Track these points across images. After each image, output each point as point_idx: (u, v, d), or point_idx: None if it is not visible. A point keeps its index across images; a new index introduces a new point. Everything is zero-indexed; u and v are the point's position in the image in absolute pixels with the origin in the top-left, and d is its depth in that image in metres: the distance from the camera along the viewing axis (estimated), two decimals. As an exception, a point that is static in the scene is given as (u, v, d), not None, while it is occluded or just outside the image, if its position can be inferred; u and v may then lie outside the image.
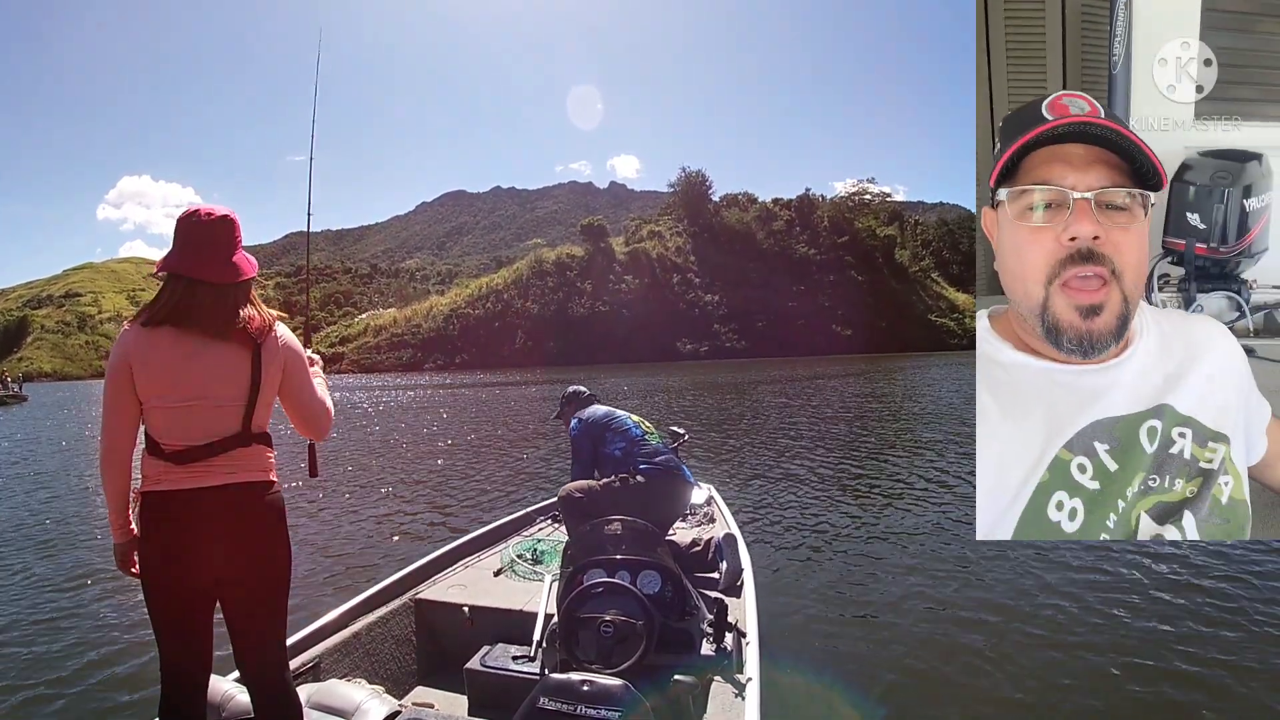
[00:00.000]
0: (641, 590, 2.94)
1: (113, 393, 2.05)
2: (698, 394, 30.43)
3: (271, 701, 2.24)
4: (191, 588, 2.08)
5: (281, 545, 2.19)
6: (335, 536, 7.73)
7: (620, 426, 4.34)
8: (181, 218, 2.11)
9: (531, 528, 4.97)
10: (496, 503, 9.26)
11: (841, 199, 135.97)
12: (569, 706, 2.23)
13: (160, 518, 2.04)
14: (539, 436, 16.39)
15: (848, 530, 7.29)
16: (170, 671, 2.14)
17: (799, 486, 9.59)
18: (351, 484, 11.16)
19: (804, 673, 4.03)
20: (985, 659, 4.23)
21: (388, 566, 6.01)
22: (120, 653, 4.71)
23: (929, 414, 18.46)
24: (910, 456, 11.69)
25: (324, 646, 3.18)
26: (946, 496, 8.70)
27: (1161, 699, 3.76)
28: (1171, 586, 5.25)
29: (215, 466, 2.07)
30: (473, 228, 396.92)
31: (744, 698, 2.68)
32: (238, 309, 2.10)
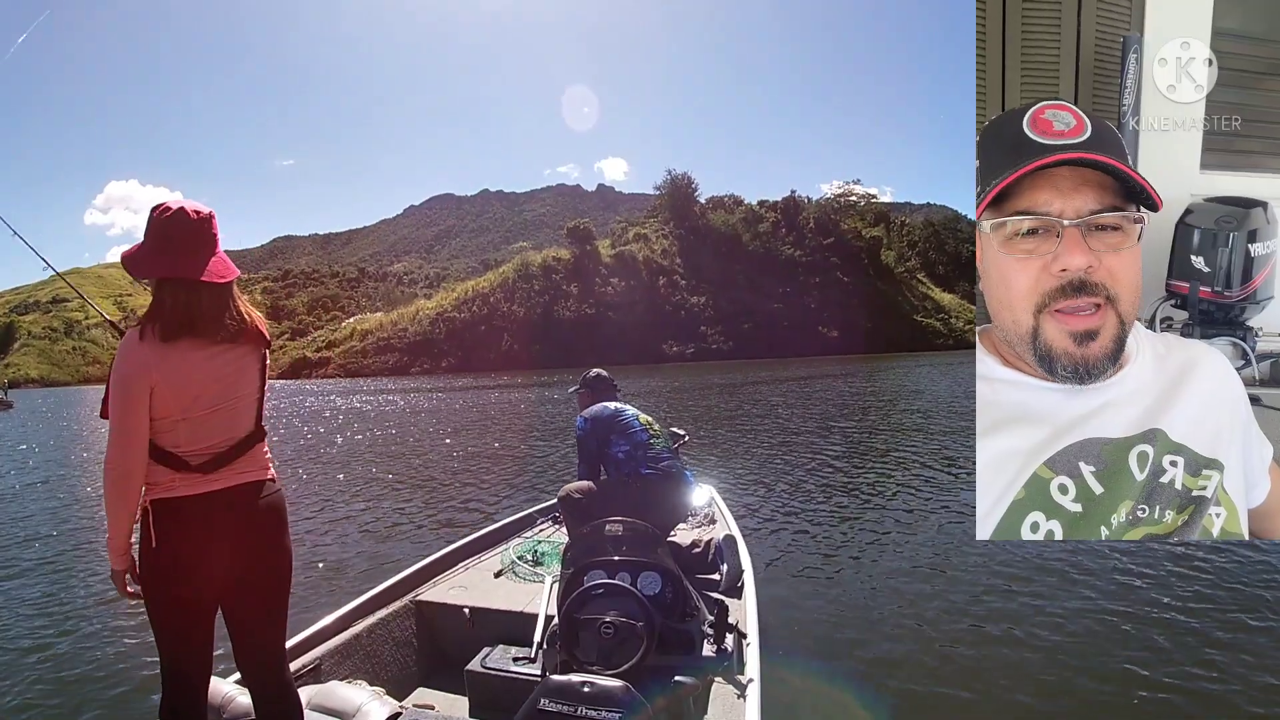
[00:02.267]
0: (642, 591, 2.92)
1: (130, 412, 1.95)
2: (689, 395, 30.45)
3: (272, 702, 2.23)
4: (199, 592, 2.06)
5: (285, 543, 2.19)
6: (335, 538, 7.69)
7: (627, 427, 4.31)
8: (163, 217, 2.02)
9: (532, 529, 4.96)
10: (494, 503, 9.25)
11: (827, 201, 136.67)
12: (569, 708, 2.24)
13: (173, 524, 2.01)
14: (536, 439, 16.36)
15: (848, 531, 7.30)
16: (172, 674, 2.12)
17: (799, 487, 9.62)
18: (351, 485, 11.13)
19: (805, 674, 4.03)
20: (986, 659, 4.24)
21: (388, 568, 6.00)
22: (119, 655, 4.68)
23: (926, 414, 18.51)
24: (909, 457, 11.71)
25: (325, 648, 3.17)
26: (946, 497, 8.72)
27: (1162, 699, 3.77)
28: (1176, 584, 5.26)
29: (233, 469, 2.06)
30: (461, 231, 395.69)
31: (745, 699, 2.68)
32: (236, 309, 2.09)
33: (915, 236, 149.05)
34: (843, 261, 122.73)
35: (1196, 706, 3.68)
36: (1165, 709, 3.68)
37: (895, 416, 18.28)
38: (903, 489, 9.34)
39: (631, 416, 4.38)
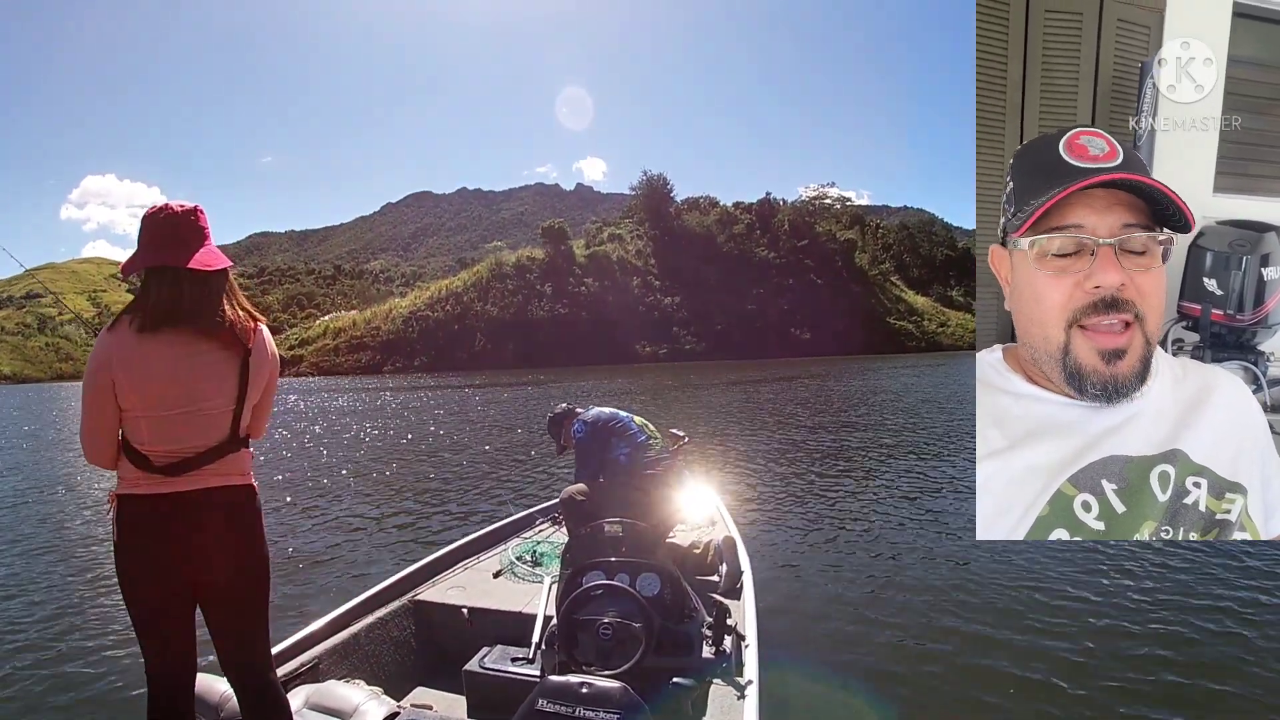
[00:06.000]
0: (641, 593, 2.95)
1: (91, 402, 2.03)
2: (665, 395, 30.51)
3: (259, 701, 2.24)
4: (173, 592, 2.07)
5: (261, 546, 2.20)
6: (334, 538, 7.67)
7: (625, 430, 4.35)
8: (149, 216, 2.10)
9: (531, 529, 4.98)
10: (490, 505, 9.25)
11: (802, 203, 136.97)
12: (567, 708, 2.27)
13: (141, 522, 2.03)
14: (528, 442, 16.31)
15: (848, 532, 7.38)
16: (156, 675, 2.14)
17: (799, 489, 9.71)
18: (351, 486, 11.09)
19: (804, 676, 4.06)
20: (987, 661, 4.29)
21: (387, 568, 6.01)
22: (106, 655, 4.66)
23: (921, 416, 18.68)
24: (908, 458, 11.86)
25: (323, 648, 3.19)
26: (946, 498, 8.84)
27: (1164, 699, 3.82)
28: (1183, 585, 5.34)
29: (201, 472, 2.06)
30: (438, 229, 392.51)
31: (743, 701, 2.71)
32: (221, 300, 2.09)
33: (890, 239, 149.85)
34: (817, 264, 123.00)
35: (1198, 707, 3.73)
36: (1168, 709, 3.72)
37: (892, 417, 18.42)
38: (903, 490, 9.46)
39: (628, 419, 4.41)
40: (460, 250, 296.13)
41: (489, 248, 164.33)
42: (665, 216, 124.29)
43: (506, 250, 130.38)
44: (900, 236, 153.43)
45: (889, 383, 33.02)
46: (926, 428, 16.13)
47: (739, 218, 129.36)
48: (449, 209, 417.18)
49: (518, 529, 5.02)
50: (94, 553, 7.20)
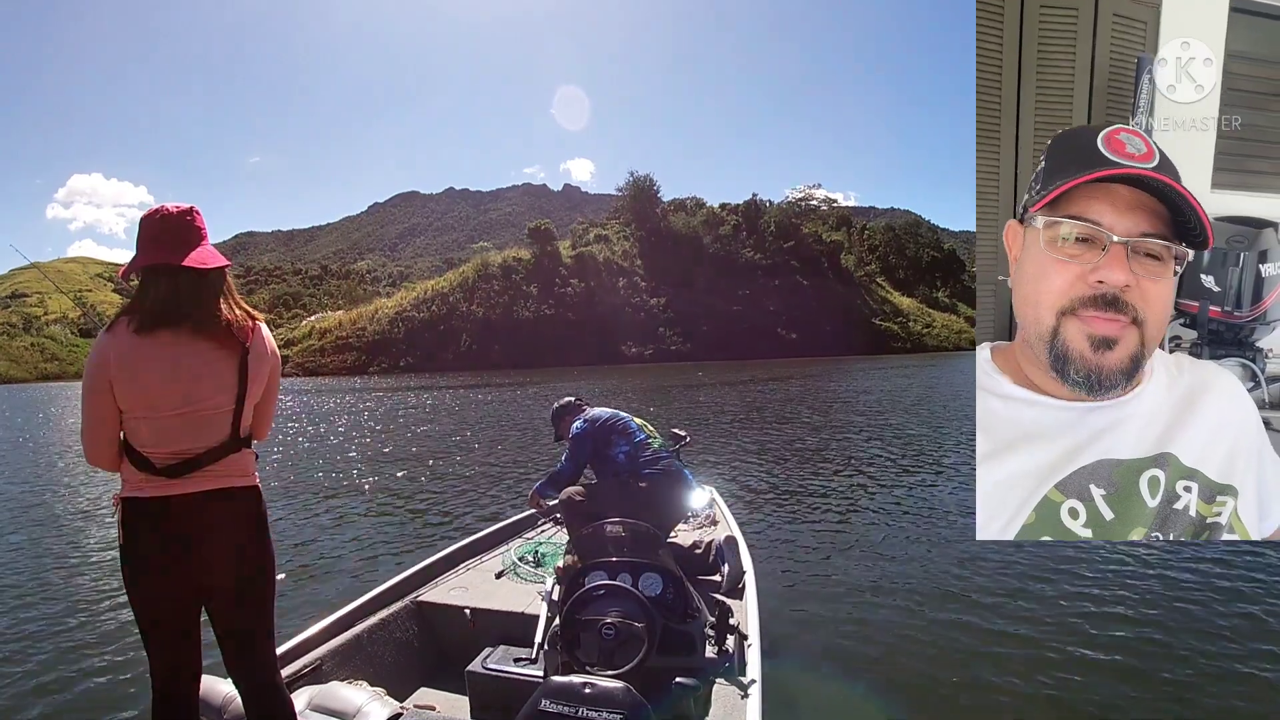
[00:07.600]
0: (643, 592, 2.95)
1: (90, 404, 2.03)
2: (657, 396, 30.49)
3: (264, 702, 2.24)
4: (178, 594, 2.07)
5: (266, 548, 2.20)
6: (335, 538, 7.63)
7: (625, 429, 4.36)
8: (145, 218, 2.11)
9: (533, 530, 4.97)
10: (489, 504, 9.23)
11: (789, 204, 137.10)
12: (570, 709, 2.26)
13: (144, 525, 2.02)
14: (527, 443, 16.25)
15: (849, 531, 7.39)
16: (161, 677, 2.14)
17: (800, 488, 9.73)
18: (350, 486, 11.04)
19: (807, 675, 4.09)
20: (988, 660, 4.31)
21: (389, 569, 5.99)
22: (110, 657, 4.64)
23: (920, 416, 18.70)
24: (908, 458, 11.89)
25: (326, 649, 3.18)
26: (947, 498, 8.86)
27: (1166, 699, 3.84)
28: (1183, 584, 5.37)
29: (204, 474, 2.06)
30: (425, 229, 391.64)
31: (746, 700, 2.73)
32: (218, 299, 2.10)
33: (876, 241, 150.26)
34: (803, 265, 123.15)
35: (1199, 707, 3.75)
36: (1169, 709, 3.75)
37: (890, 417, 18.47)
38: (903, 489, 9.51)
39: (628, 419, 4.42)
40: (447, 250, 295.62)
41: (476, 248, 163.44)
42: (652, 217, 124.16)
43: (493, 251, 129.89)
44: (887, 238, 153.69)
45: (881, 383, 33.11)
46: (926, 427, 16.19)
47: (725, 219, 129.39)
48: (436, 209, 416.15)
49: (520, 529, 5.02)
50: (89, 553, 7.16)
